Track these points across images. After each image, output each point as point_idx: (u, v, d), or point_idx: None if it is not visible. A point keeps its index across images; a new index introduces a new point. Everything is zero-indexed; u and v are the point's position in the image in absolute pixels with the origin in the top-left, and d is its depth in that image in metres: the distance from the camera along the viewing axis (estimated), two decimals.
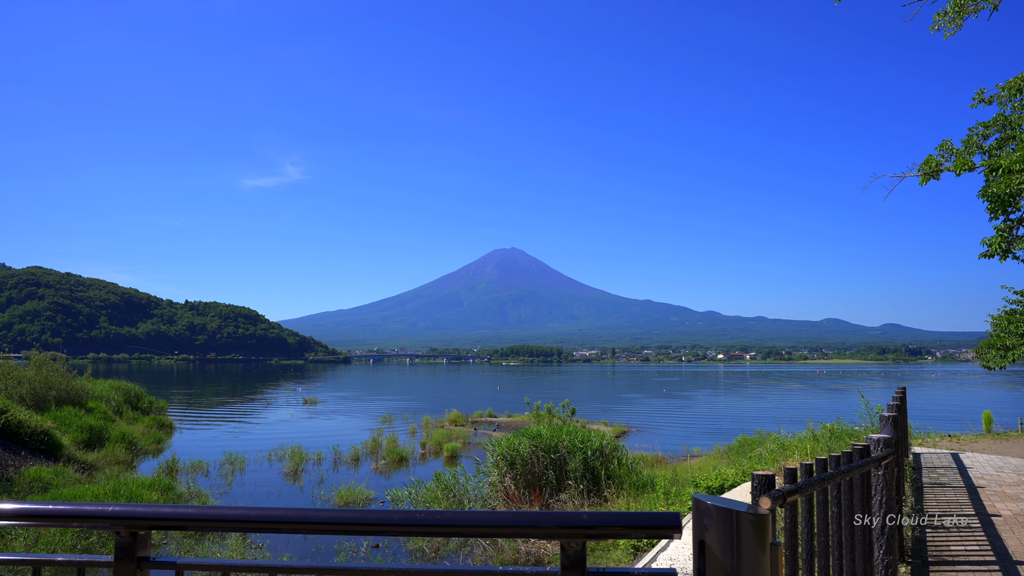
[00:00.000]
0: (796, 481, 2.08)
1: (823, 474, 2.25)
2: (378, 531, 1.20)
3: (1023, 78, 9.92)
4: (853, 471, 2.42)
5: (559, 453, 12.98)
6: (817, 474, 2.24)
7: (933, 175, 8.13)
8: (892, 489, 2.89)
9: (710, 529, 1.17)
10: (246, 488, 15.28)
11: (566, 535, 1.18)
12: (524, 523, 1.20)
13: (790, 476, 2.11)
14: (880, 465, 2.82)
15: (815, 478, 2.13)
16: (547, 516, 1.19)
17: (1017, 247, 12.02)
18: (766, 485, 1.90)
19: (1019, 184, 7.95)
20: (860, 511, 2.55)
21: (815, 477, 2.16)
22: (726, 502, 1.21)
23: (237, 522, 1.28)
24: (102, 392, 27.06)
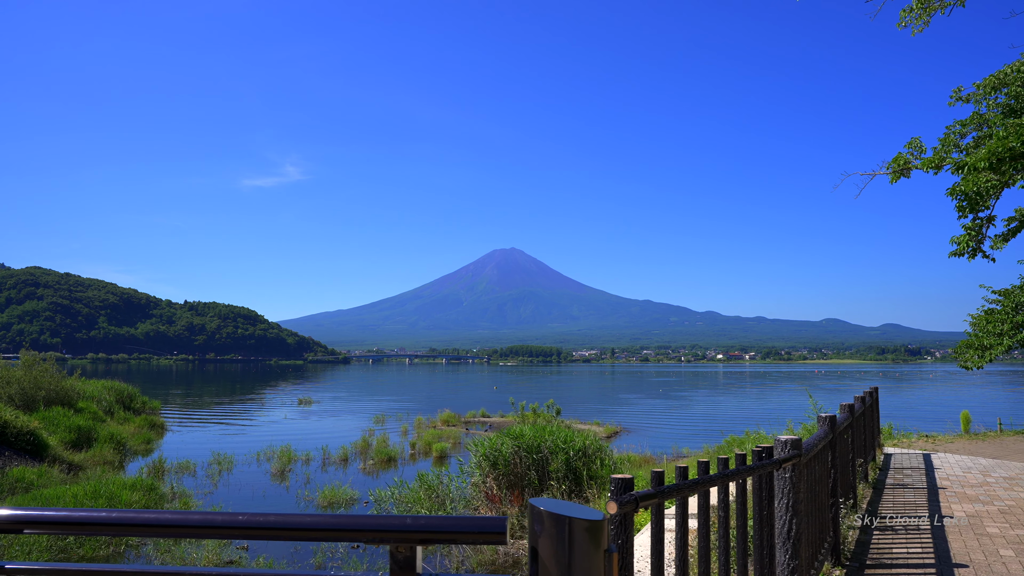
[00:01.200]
0: (662, 485, 2.05)
1: (688, 480, 2.18)
2: (200, 533, 1.19)
3: (998, 76, 9.95)
4: (742, 474, 2.39)
5: (541, 453, 13.00)
6: (700, 476, 2.22)
7: (903, 173, 8.14)
8: (799, 492, 2.87)
9: (541, 535, 1.12)
10: (231, 488, 15.28)
11: (391, 539, 1.15)
12: (348, 527, 1.16)
13: (656, 480, 2.07)
14: (786, 467, 2.79)
15: (677, 484, 2.09)
16: (371, 520, 1.16)
17: (998, 246, 12.08)
18: (623, 488, 1.89)
19: (986, 182, 7.97)
20: (760, 514, 2.52)
21: (678, 483, 2.12)
22: (562, 506, 1.17)
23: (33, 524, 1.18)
24: (93, 392, 27.04)
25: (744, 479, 2.54)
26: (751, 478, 2.60)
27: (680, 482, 2.14)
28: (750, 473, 2.52)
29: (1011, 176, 7.98)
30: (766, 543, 2.64)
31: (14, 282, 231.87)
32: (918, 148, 8.29)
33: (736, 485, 2.47)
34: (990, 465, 9.00)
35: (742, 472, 2.47)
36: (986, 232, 8.81)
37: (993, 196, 8.71)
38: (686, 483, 2.13)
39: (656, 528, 2.01)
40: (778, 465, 2.75)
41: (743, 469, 2.46)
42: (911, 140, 8.42)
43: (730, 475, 2.37)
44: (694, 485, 2.16)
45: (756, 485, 2.70)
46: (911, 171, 8.17)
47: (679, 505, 2.22)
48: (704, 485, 2.21)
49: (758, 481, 2.76)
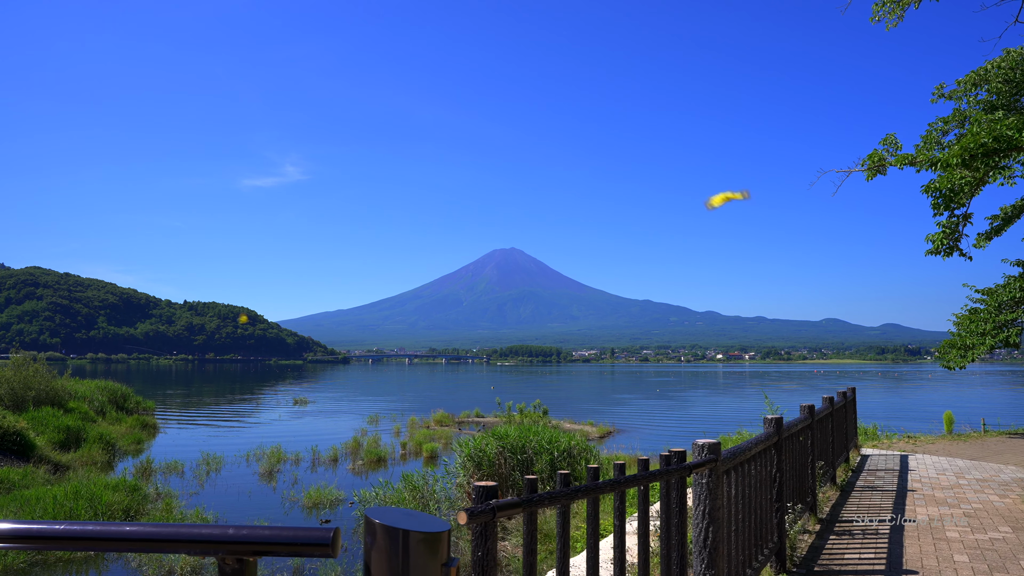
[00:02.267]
0: (535, 493, 1.92)
1: (568, 488, 2.04)
2: (22, 544, 1.16)
3: (979, 73, 9.93)
4: (641, 480, 2.32)
5: (526, 454, 12.98)
6: (588, 483, 2.13)
7: (879, 170, 8.11)
8: (716, 498, 2.81)
9: (373, 549, 1.05)
10: (218, 489, 15.23)
11: (216, 550, 1.09)
12: (170, 537, 1.09)
13: (529, 487, 1.96)
14: (701, 473, 2.73)
15: (551, 493, 1.95)
16: (193, 530, 1.10)
17: (981, 245, 12.07)
18: (485, 496, 1.80)
19: (961, 179, 7.94)
20: (668, 522, 2.46)
21: (553, 492, 1.98)
22: (403, 517, 1.10)
23: None
24: (85, 392, 26.97)
25: (646, 485, 2.46)
26: (660, 483, 2.54)
27: (560, 489, 2.02)
28: (651, 479, 2.42)
29: (985, 173, 7.96)
30: (675, 552, 2.56)
31: (13, 282, 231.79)
32: (893, 145, 8.25)
33: (639, 492, 2.41)
34: (966, 467, 8.97)
35: (641, 479, 2.36)
36: (962, 230, 8.78)
37: (969, 194, 8.69)
38: (565, 491, 2.00)
39: (529, 539, 1.94)
40: (688, 471, 2.68)
41: (644, 475, 2.37)
42: (886, 136, 8.38)
43: (624, 482, 2.25)
44: (573, 494, 2.02)
45: (664, 491, 2.65)
46: (887, 168, 8.12)
47: (560, 515, 2.12)
48: (590, 493, 2.09)
49: (666, 487, 2.67)
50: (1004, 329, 11.94)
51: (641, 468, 2.39)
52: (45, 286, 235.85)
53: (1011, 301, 12.00)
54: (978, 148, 7.07)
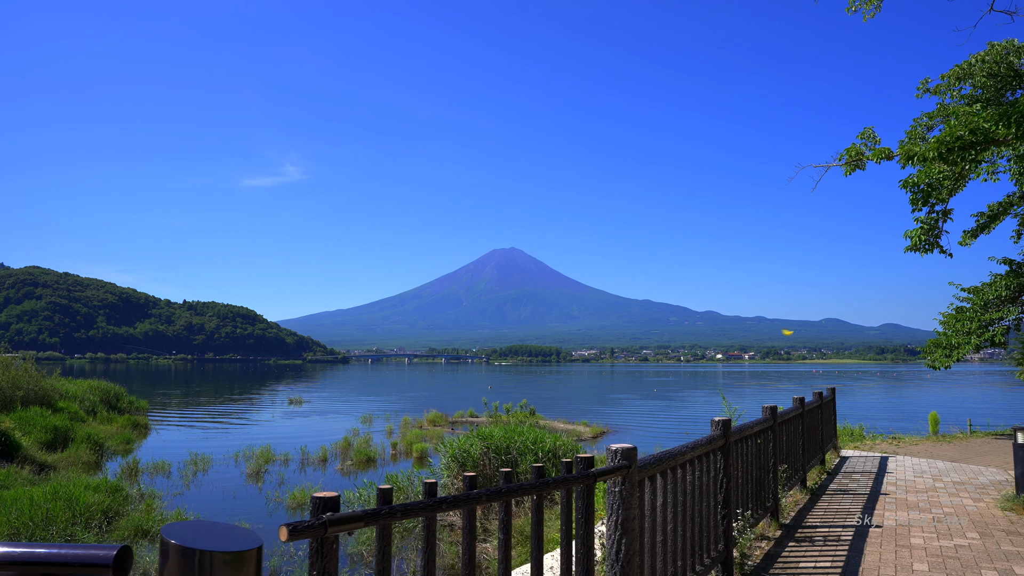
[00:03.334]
0: (388, 504, 1.73)
1: (433, 499, 1.82)
2: None
3: (963, 67, 9.79)
4: (531, 490, 2.12)
5: (510, 455, 12.88)
6: (464, 492, 1.91)
7: (858, 165, 7.94)
8: (631, 508, 2.61)
9: (165, 571, 0.95)
10: (203, 489, 15.13)
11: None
12: None
13: (382, 498, 1.76)
14: (614, 480, 2.56)
15: (407, 505, 1.73)
16: None
17: (967, 243, 11.93)
18: (323, 508, 1.60)
19: (939, 174, 7.78)
20: (568, 534, 2.29)
21: (403, 504, 1.75)
22: (208, 535, 0.95)
23: None
24: (76, 392, 26.91)
25: (539, 495, 2.24)
26: (561, 492, 2.41)
27: (422, 500, 1.79)
28: (546, 488, 2.20)
29: (963, 167, 7.81)
30: (580, 567, 2.35)
31: (13, 281, 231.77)
32: (871, 139, 8.07)
33: (532, 502, 2.24)
34: (946, 469, 8.79)
35: (532, 488, 2.15)
36: (942, 226, 8.62)
37: (949, 189, 8.53)
38: (426, 503, 1.77)
39: (425, 557, 1.75)
40: (594, 478, 2.45)
41: (537, 484, 2.16)
42: (864, 130, 8.18)
43: (508, 492, 2.03)
44: (436, 506, 1.79)
45: (565, 501, 2.46)
46: (866, 163, 7.95)
47: (425, 528, 1.92)
48: (462, 504, 1.86)
49: (567, 496, 2.47)
50: (990, 328, 11.81)
51: (535, 475, 2.23)
52: (44, 286, 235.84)
53: (997, 299, 11.85)
54: (955, 141, 6.91)
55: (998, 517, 5.88)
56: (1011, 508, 6.12)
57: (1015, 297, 11.78)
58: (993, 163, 10.69)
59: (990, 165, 10.70)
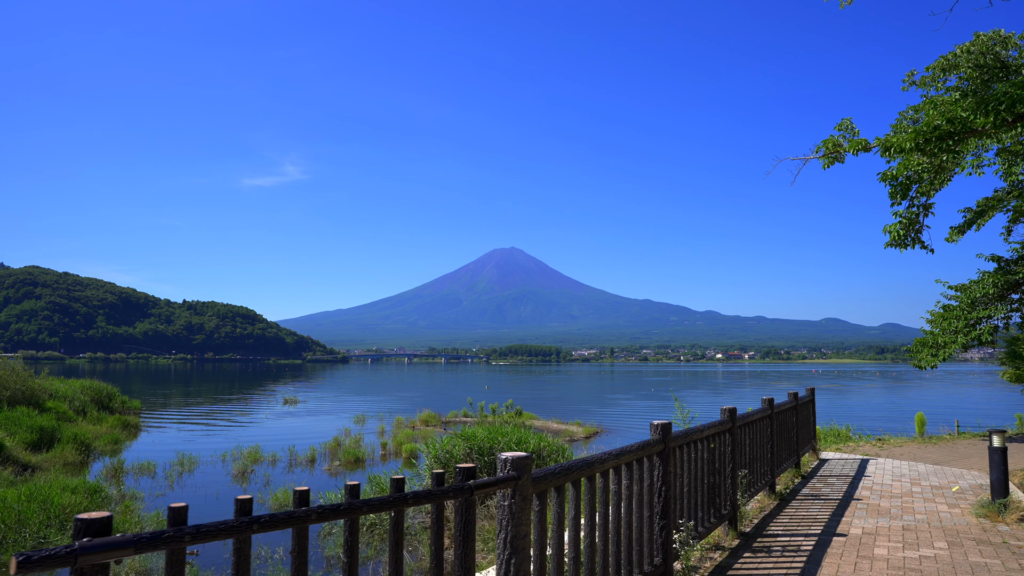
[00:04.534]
0: (182, 524, 1.45)
1: (224, 522, 1.52)
2: None
3: (947, 59, 9.54)
4: (375, 507, 1.83)
5: (493, 455, 12.67)
6: (294, 509, 1.59)
7: (837, 158, 7.68)
8: (522, 524, 2.34)
9: None
10: (187, 490, 14.95)
11: None
12: None
13: (173, 518, 1.52)
14: (504, 493, 2.30)
15: (195, 528, 1.43)
16: None
17: (953, 239, 11.67)
18: (88, 532, 1.29)
19: (918, 165, 7.52)
20: (438, 554, 2.01)
21: (195, 527, 1.45)
22: None
23: None
24: (67, 392, 26.77)
25: (399, 511, 1.99)
26: (432, 507, 2.07)
27: (221, 522, 1.51)
28: (402, 504, 1.91)
29: (942, 159, 7.55)
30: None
31: (12, 281, 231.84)
32: (849, 130, 7.81)
33: (392, 519, 1.95)
34: (926, 472, 8.50)
35: (390, 503, 1.87)
36: (923, 220, 8.36)
37: (930, 182, 8.25)
38: (217, 526, 1.48)
39: None
40: (470, 492, 2.17)
41: (395, 499, 1.88)
42: (841, 121, 7.92)
43: (351, 510, 1.74)
44: (243, 528, 1.50)
45: (435, 517, 2.17)
46: (844, 155, 7.68)
47: (235, 552, 1.63)
48: (280, 525, 1.57)
49: (437, 513, 2.17)
50: (977, 327, 11.54)
51: (395, 489, 1.96)
52: (44, 285, 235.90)
53: (984, 297, 11.59)
54: (932, 131, 6.65)
55: (971, 525, 5.61)
56: (985, 515, 5.84)
57: (1002, 295, 11.52)
58: (978, 156, 10.44)
59: (975, 159, 10.44)
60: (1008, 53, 9.54)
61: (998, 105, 6.19)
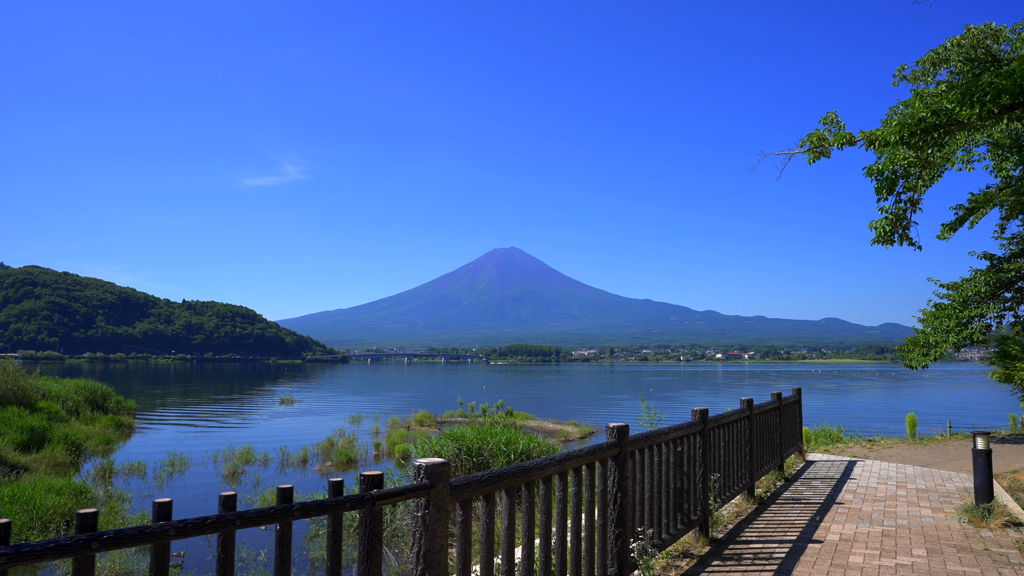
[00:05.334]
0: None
1: None
2: None
3: (938, 52, 9.37)
4: (254, 520, 1.67)
5: (482, 456, 12.54)
6: (154, 524, 1.46)
7: (822, 152, 7.50)
8: (437, 537, 2.16)
9: None
10: (176, 491, 14.84)
11: None
12: None
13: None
14: (417, 503, 2.11)
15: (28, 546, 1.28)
16: None
17: (945, 236, 11.48)
18: None
19: (904, 159, 7.33)
20: (358, 566, 1.84)
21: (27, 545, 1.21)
22: None
23: None
24: (60, 392, 26.66)
25: (286, 524, 1.79)
26: (328, 519, 1.87)
27: (62, 539, 1.31)
28: (287, 517, 1.73)
29: (928, 153, 7.36)
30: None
31: (12, 281, 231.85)
32: (834, 124, 7.61)
33: (276, 533, 1.75)
34: (914, 474, 8.28)
35: (272, 515, 1.69)
36: (911, 216, 8.18)
37: (916, 176, 8.07)
38: (49, 544, 1.30)
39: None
40: (372, 502, 1.97)
41: (275, 511, 1.69)
42: (826, 115, 7.70)
43: (221, 523, 1.58)
44: (81, 546, 1.31)
45: (331, 529, 1.99)
46: (830, 150, 7.49)
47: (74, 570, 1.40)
48: (137, 541, 1.39)
49: (333, 525, 2.00)
50: (969, 326, 11.34)
51: (281, 500, 1.75)
52: (43, 285, 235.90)
53: (977, 296, 11.39)
54: (917, 124, 6.46)
55: (954, 530, 5.41)
56: (969, 520, 5.64)
57: (994, 293, 11.33)
58: (969, 151, 10.25)
59: (966, 154, 10.26)
60: (1000, 47, 9.37)
61: (983, 96, 6.01)
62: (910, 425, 13.15)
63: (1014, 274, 11.00)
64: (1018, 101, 5.98)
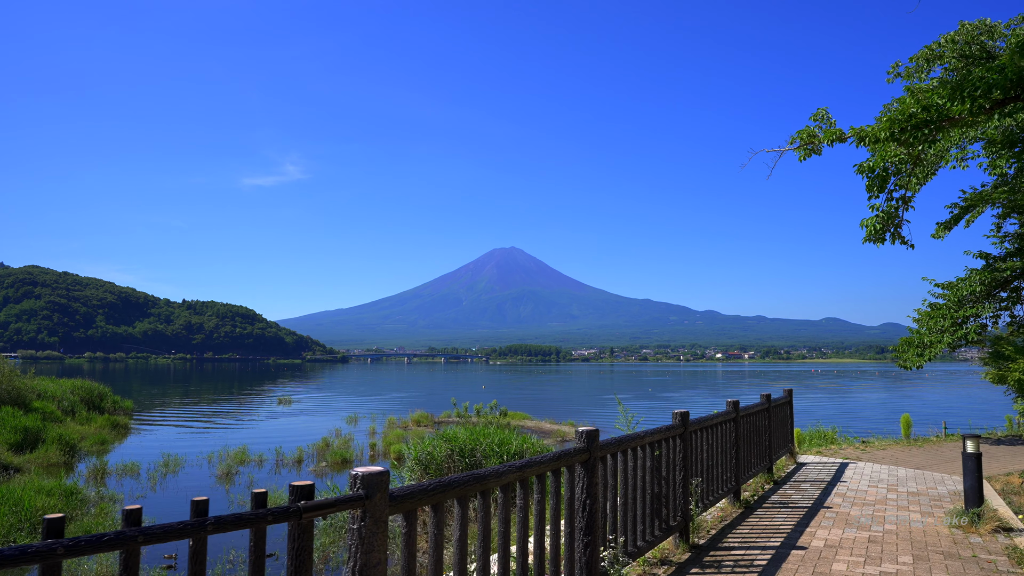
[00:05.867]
0: None
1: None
2: None
3: (931, 49, 9.26)
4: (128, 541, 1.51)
5: (475, 457, 12.44)
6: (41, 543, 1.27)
7: (813, 149, 7.38)
8: (374, 552, 2.01)
9: None
10: (168, 492, 14.75)
11: None
12: None
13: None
14: (353, 514, 1.97)
15: None
16: None
17: (940, 235, 11.33)
18: None
19: (895, 156, 7.20)
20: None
21: None
22: None
23: None
24: (56, 392, 26.58)
25: (199, 539, 1.69)
26: (250, 532, 1.71)
27: None
28: (200, 532, 1.62)
29: (919, 149, 7.24)
30: None
31: (12, 281, 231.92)
32: (825, 120, 7.49)
33: (190, 549, 1.65)
34: (905, 477, 8.14)
35: (165, 535, 1.57)
36: (903, 215, 8.04)
37: (908, 173, 7.94)
38: None
39: None
40: (297, 514, 1.83)
41: (190, 526, 1.58)
42: (817, 111, 7.57)
43: (121, 541, 1.46)
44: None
45: (253, 544, 1.87)
46: (821, 147, 7.37)
47: None
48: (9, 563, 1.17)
49: (254, 539, 1.86)
50: (964, 326, 11.21)
51: (194, 513, 1.63)
52: (43, 285, 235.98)
53: (972, 295, 11.27)
54: (907, 120, 6.33)
55: (942, 536, 5.28)
56: (958, 525, 5.52)
57: (989, 293, 11.20)
58: (963, 149, 10.13)
59: (960, 152, 10.14)
60: (995, 43, 9.24)
61: (974, 91, 5.88)
62: (904, 426, 13.02)
63: (1009, 273, 10.88)
64: (1010, 96, 5.86)
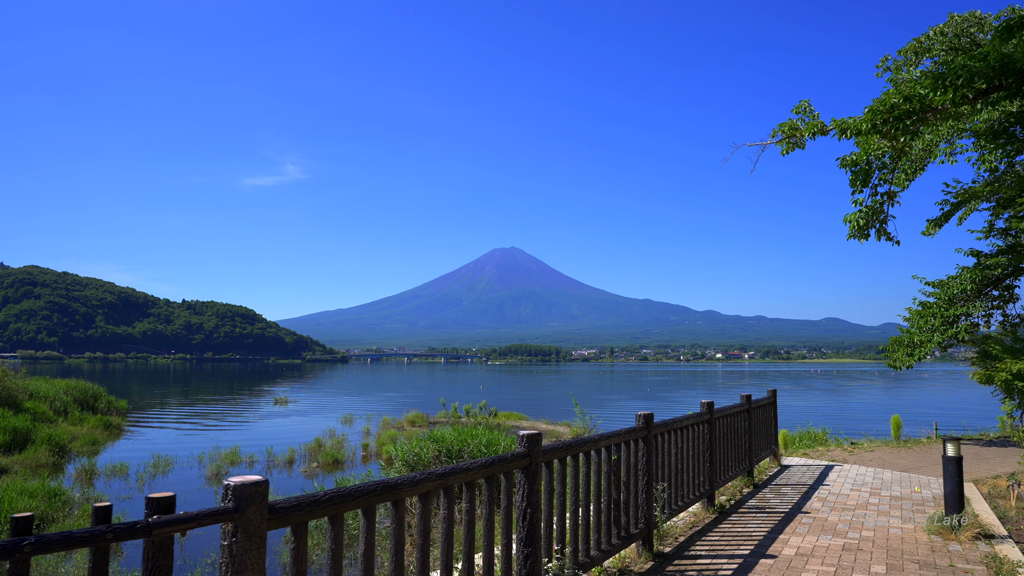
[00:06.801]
0: None
1: None
2: None
3: (920, 41, 9.08)
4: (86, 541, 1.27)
5: (463, 458, 12.33)
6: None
7: (796, 143, 7.17)
8: (251, 570, 1.82)
9: None
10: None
11: None
12: None
13: None
14: (228, 531, 1.78)
15: None
16: None
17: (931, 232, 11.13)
18: None
19: (878, 149, 7.00)
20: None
21: None
22: None
23: None
24: (49, 392, 26.45)
25: (20, 561, 1.42)
26: (90, 552, 1.58)
27: None
28: (14, 555, 1.33)
29: (902, 142, 7.03)
30: None
31: (11, 281, 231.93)
32: (808, 112, 7.29)
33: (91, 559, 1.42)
34: (890, 480, 7.91)
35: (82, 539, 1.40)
36: (888, 210, 7.84)
37: (891, 167, 7.73)
38: None
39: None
40: (147, 530, 1.65)
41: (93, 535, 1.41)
42: (799, 104, 7.37)
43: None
44: None
45: (92, 566, 1.68)
46: (804, 140, 7.17)
47: None
48: None
49: (95, 559, 1.67)
50: (954, 325, 11.01)
51: (15, 531, 1.44)
52: (43, 285, 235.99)
53: (963, 294, 11.06)
54: (889, 111, 6.14)
55: (921, 543, 5.07)
56: (938, 532, 5.30)
57: (980, 291, 11.00)
58: (952, 143, 9.93)
59: (949, 146, 9.94)
60: (985, 36, 9.05)
61: (956, 80, 5.68)
62: (894, 427, 12.80)
63: (1001, 271, 10.68)
64: (993, 85, 5.67)
